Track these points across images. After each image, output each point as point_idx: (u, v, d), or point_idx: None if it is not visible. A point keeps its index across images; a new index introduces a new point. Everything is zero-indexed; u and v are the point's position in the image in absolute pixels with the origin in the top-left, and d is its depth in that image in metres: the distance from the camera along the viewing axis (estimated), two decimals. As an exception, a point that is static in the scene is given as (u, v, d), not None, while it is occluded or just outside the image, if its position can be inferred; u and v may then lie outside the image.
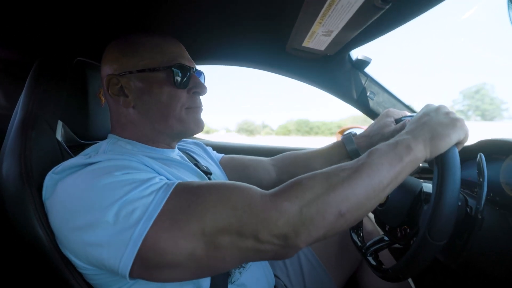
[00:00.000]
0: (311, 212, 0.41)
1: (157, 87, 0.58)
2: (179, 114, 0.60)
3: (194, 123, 0.62)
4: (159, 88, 0.58)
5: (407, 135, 0.49)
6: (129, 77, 0.58)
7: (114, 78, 0.58)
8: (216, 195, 0.43)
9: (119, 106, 0.60)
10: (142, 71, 0.57)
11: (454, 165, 0.48)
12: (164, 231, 0.40)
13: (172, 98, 0.59)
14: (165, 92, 0.58)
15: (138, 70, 0.57)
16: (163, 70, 0.58)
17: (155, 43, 0.59)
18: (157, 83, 0.58)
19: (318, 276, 0.81)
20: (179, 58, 0.60)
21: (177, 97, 0.59)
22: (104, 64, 0.61)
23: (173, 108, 0.59)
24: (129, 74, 0.58)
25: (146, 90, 0.58)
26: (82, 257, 0.44)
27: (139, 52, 0.58)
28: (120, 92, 0.59)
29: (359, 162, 0.46)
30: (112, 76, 0.58)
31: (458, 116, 0.52)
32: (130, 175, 0.45)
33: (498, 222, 0.57)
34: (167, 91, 0.58)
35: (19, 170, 0.52)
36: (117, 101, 0.59)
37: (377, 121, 0.78)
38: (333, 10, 0.57)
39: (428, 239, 0.46)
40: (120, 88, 0.59)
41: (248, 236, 0.41)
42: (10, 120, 0.60)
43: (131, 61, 0.58)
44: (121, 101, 0.59)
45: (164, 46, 0.60)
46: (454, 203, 0.46)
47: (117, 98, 0.59)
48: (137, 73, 0.58)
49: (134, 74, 0.58)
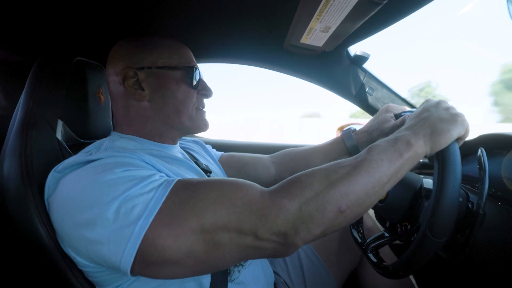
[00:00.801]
0: (310, 209, 0.41)
1: (174, 84, 0.61)
2: (191, 112, 0.63)
3: (203, 123, 0.66)
4: (177, 86, 0.61)
5: (407, 131, 0.49)
6: (147, 72, 0.60)
7: (131, 71, 0.59)
8: (215, 192, 0.43)
9: (130, 99, 0.61)
10: (162, 68, 0.60)
11: (454, 161, 0.47)
12: (164, 228, 0.40)
13: (186, 96, 0.62)
14: (181, 90, 0.61)
15: (158, 66, 0.60)
16: (182, 70, 0.61)
17: (172, 45, 0.63)
18: (175, 81, 0.61)
19: (318, 273, 0.81)
20: (192, 62, 0.64)
21: (191, 96, 0.63)
22: (115, 59, 0.61)
23: (187, 106, 0.62)
24: (147, 69, 0.60)
25: (163, 86, 0.60)
26: (84, 254, 0.44)
27: (158, 50, 0.61)
28: (136, 85, 0.60)
29: (359, 159, 0.46)
30: (129, 69, 0.59)
31: (459, 111, 0.51)
32: (131, 172, 0.45)
33: (500, 217, 0.56)
34: (183, 89, 0.62)
35: (19, 169, 0.52)
36: (131, 94, 0.60)
37: (376, 116, 0.77)
38: (330, 6, 0.56)
39: (429, 236, 0.46)
40: (136, 82, 0.60)
41: (247, 233, 0.41)
42: (11, 120, 0.60)
43: (150, 57, 0.60)
44: (137, 94, 0.60)
45: (180, 49, 0.64)
46: (455, 200, 0.46)
47: (132, 90, 0.60)
48: (156, 69, 0.60)
49: (153, 70, 0.60)
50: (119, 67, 0.60)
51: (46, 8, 0.58)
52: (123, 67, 0.59)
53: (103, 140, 0.60)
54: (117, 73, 0.60)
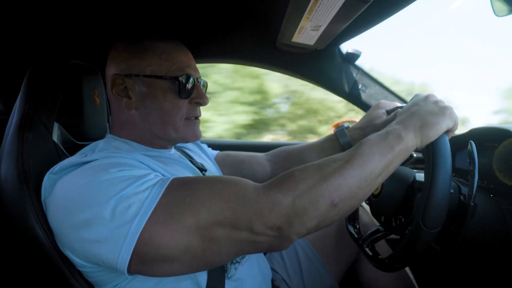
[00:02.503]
0: (304, 203, 0.41)
1: (161, 94, 0.58)
2: (177, 124, 0.60)
3: (191, 134, 0.63)
4: (163, 96, 0.58)
5: (397, 125, 0.50)
6: (134, 80, 0.58)
7: (119, 78, 0.59)
8: (210, 188, 0.44)
9: (119, 106, 0.60)
10: (149, 76, 0.58)
11: (445, 153, 0.48)
12: (160, 225, 0.41)
13: (173, 107, 0.59)
14: (168, 101, 0.59)
15: (145, 75, 0.58)
16: (169, 79, 0.58)
17: (164, 49, 0.59)
18: (161, 91, 0.58)
19: (316, 269, 0.82)
20: (186, 68, 0.60)
21: (179, 107, 0.60)
22: (111, 62, 0.61)
23: (173, 117, 0.60)
24: (135, 77, 0.58)
25: (150, 95, 0.58)
26: (81, 254, 0.45)
27: (148, 56, 0.58)
28: (124, 93, 0.59)
29: (351, 153, 0.46)
30: (117, 76, 0.59)
31: (447, 105, 0.52)
32: (126, 172, 0.45)
33: (492, 209, 0.57)
34: (170, 99, 0.59)
35: (16, 171, 0.53)
36: (120, 102, 0.60)
37: (369, 113, 0.78)
38: (319, 5, 0.58)
39: (422, 226, 0.47)
40: (124, 89, 0.59)
41: (243, 228, 0.42)
42: (7, 123, 0.61)
43: (139, 64, 0.58)
44: (124, 102, 0.59)
45: (173, 53, 0.60)
46: (446, 190, 0.47)
47: (120, 98, 0.59)
48: (143, 77, 0.58)
49: (140, 78, 0.58)
50: (110, 73, 0.60)
51: (41, 12, 0.59)
52: (113, 73, 0.59)
53: (98, 142, 0.60)
54: (108, 78, 0.60)
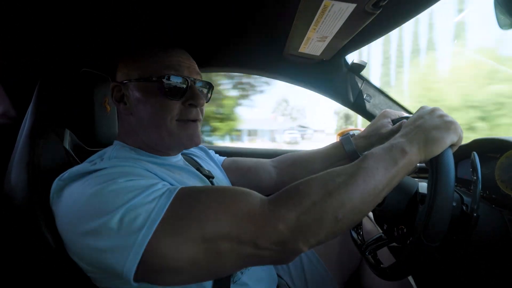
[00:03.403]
0: (308, 219, 0.42)
1: (151, 96, 0.59)
2: (169, 126, 0.59)
3: (187, 138, 0.61)
4: (153, 98, 0.59)
5: (401, 138, 0.50)
6: (128, 86, 0.61)
7: (117, 85, 0.62)
8: (217, 202, 0.45)
9: (122, 113, 0.64)
10: (138, 80, 0.60)
11: (448, 168, 0.48)
12: (166, 237, 0.42)
13: (162, 108, 0.59)
14: (157, 102, 0.59)
15: (135, 79, 0.60)
16: (155, 81, 0.58)
17: (155, 53, 0.61)
18: (151, 93, 0.59)
19: (319, 274, 0.83)
20: (178, 67, 0.60)
21: (169, 108, 0.59)
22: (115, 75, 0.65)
23: (163, 119, 0.59)
24: (128, 82, 0.61)
25: (141, 99, 0.60)
26: (88, 261, 0.46)
27: (139, 62, 0.61)
28: (121, 99, 0.62)
29: (355, 167, 0.47)
30: (115, 84, 0.62)
31: (452, 119, 0.52)
32: (133, 181, 0.46)
33: (494, 219, 0.58)
34: (159, 101, 0.59)
35: (27, 177, 0.54)
36: (118, 107, 0.63)
37: (374, 122, 0.79)
38: (325, 17, 0.59)
39: (423, 241, 0.47)
40: (122, 96, 0.62)
41: (248, 243, 0.42)
42: (19, 130, 0.62)
43: (131, 70, 0.61)
44: (121, 107, 0.62)
45: (163, 56, 0.60)
46: (448, 206, 0.47)
47: (118, 104, 0.63)
48: (134, 82, 0.60)
49: (133, 83, 0.60)
50: (112, 83, 0.63)
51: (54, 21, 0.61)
52: (113, 81, 0.63)
53: (107, 149, 0.61)
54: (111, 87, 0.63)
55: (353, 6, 0.54)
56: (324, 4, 0.54)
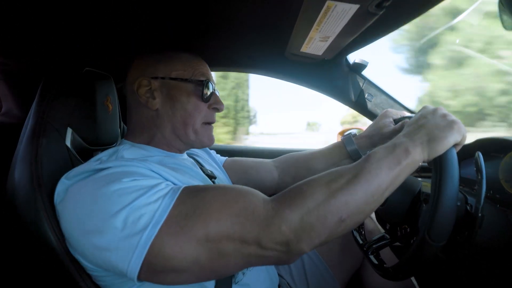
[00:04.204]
0: (312, 220, 0.42)
1: (185, 96, 0.63)
2: (197, 126, 0.64)
3: (208, 138, 0.67)
4: (187, 98, 0.63)
5: (404, 138, 0.50)
6: (161, 82, 0.63)
7: (145, 80, 0.62)
8: (220, 202, 0.45)
9: (143, 107, 0.63)
10: (175, 79, 0.62)
11: (452, 168, 0.48)
12: (170, 237, 0.42)
13: (195, 109, 0.63)
14: (191, 102, 0.63)
15: (171, 77, 0.62)
16: (194, 83, 0.63)
17: (188, 58, 0.65)
18: (185, 93, 0.63)
19: (321, 274, 0.83)
20: (207, 75, 0.66)
21: (200, 109, 0.64)
22: (135, 70, 0.65)
23: (194, 119, 0.63)
24: (161, 79, 0.62)
25: (174, 97, 0.62)
26: (91, 259, 0.46)
27: (173, 63, 0.64)
28: (148, 93, 0.62)
29: (358, 167, 0.47)
30: (143, 78, 0.62)
31: (455, 118, 0.52)
32: (138, 181, 0.46)
33: (498, 219, 0.57)
34: (193, 101, 0.63)
35: (30, 176, 0.54)
36: (144, 102, 0.62)
37: (376, 121, 0.78)
38: (328, 17, 0.59)
39: (428, 240, 0.47)
40: (149, 90, 0.62)
41: (251, 243, 0.42)
42: (22, 129, 0.63)
43: (165, 68, 0.63)
44: (149, 102, 0.62)
45: (196, 63, 0.65)
46: (452, 205, 0.47)
47: (144, 98, 0.62)
48: (169, 80, 0.62)
49: (167, 80, 0.62)
50: (135, 77, 0.64)
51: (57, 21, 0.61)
52: (138, 76, 0.63)
53: (116, 148, 0.61)
54: (132, 82, 0.63)
55: (356, 7, 0.53)
56: (327, 5, 0.54)
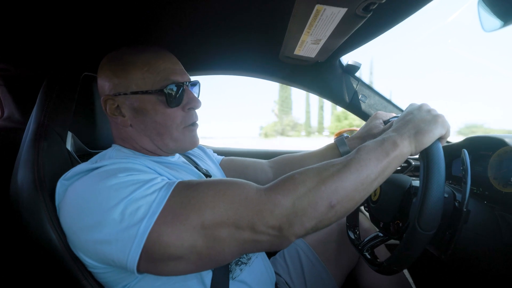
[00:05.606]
0: (303, 204, 0.44)
1: (151, 108, 0.59)
2: (175, 134, 0.62)
3: (190, 142, 0.64)
4: (154, 109, 0.59)
5: (393, 133, 0.52)
6: (124, 98, 0.60)
7: (110, 99, 0.60)
8: (214, 190, 0.47)
9: (117, 124, 0.62)
10: (135, 93, 0.59)
11: (438, 158, 0.51)
12: (167, 226, 0.44)
13: (166, 118, 0.60)
14: (159, 113, 0.59)
15: (132, 92, 0.59)
16: (155, 93, 0.59)
17: (146, 61, 0.59)
18: (150, 104, 0.59)
19: (317, 273, 0.84)
20: (171, 74, 0.60)
21: (172, 116, 0.60)
22: (99, 79, 0.63)
23: (168, 128, 0.61)
24: (123, 95, 0.59)
25: (141, 111, 0.59)
26: (92, 255, 0.48)
27: (131, 72, 0.59)
28: (117, 111, 0.61)
29: (348, 158, 0.49)
30: (108, 97, 0.60)
31: (439, 113, 0.55)
32: (134, 176, 0.48)
33: (486, 215, 0.59)
34: (161, 111, 0.60)
35: (32, 178, 0.56)
36: (116, 120, 0.61)
37: (367, 123, 0.82)
38: (318, 21, 0.61)
39: (418, 229, 0.49)
40: (117, 108, 0.60)
41: (245, 228, 0.44)
42: (24, 133, 0.64)
43: (124, 82, 0.59)
44: (119, 120, 0.61)
45: (155, 63, 0.59)
46: (440, 193, 0.49)
47: (115, 117, 0.61)
48: (131, 94, 0.59)
49: (128, 96, 0.59)
50: (101, 95, 0.62)
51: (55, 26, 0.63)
52: (104, 95, 0.61)
53: (107, 151, 0.63)
54: (102, 101, 0.61)
55: (344, 10, 0.56)
56: (316, 9, 0.56)
